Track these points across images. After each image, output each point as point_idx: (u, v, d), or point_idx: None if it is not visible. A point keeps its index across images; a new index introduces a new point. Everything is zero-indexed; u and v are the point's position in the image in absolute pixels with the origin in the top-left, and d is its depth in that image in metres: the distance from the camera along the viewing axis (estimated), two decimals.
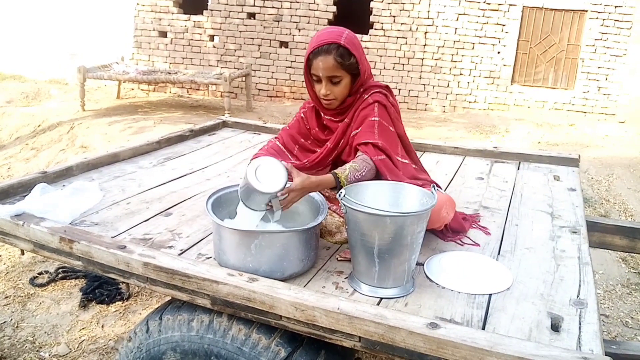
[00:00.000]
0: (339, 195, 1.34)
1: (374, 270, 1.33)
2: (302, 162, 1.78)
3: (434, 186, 1.46)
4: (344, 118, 1.76)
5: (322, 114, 1.82)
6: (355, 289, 1.36)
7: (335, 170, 1.56)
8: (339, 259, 1.53)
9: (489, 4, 7.55)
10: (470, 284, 1.37)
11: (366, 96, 1.72)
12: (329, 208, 1.64)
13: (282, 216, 1.54)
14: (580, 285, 1.40)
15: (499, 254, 1.61)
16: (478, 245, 1.66)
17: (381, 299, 1.33)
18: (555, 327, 1.19)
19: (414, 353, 1.12)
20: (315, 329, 1.22)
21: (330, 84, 1.67)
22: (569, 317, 1.24)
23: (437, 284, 1.40)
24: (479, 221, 1.85)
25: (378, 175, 1.65)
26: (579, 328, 1.19)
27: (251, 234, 1.38)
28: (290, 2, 7.98)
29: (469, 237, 1.71)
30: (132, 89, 8.53)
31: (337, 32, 1.65)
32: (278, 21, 8.08)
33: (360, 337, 1.17)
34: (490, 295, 1.34)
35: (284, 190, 1.40)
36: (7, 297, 2.90)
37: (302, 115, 1.88)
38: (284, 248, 1.36)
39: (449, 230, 1.70)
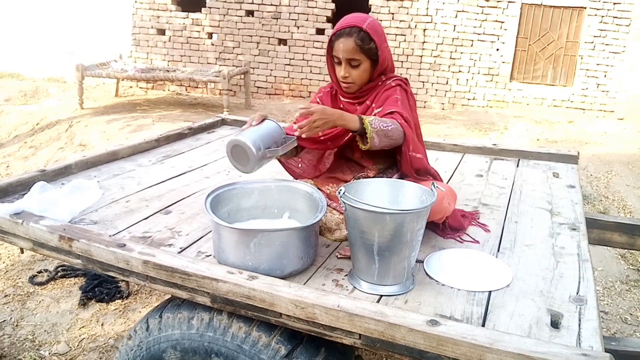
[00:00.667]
0: (339, 193, 1.34)
1: (374, 267, 1.33)
2: (318, 135, 1.72)
3: (433, 183, 1.46)
4: (364, 101, 1.78)
5: (340, 97, 1.84)
6: (355, 287, 1.36)
7: (360, 115, 1.59)
8: (339, 256, 1.53)
9: (487, 0, 7.54)
10: (470, 281, 1.37)
11: (388, 81, 1.76)
12: (328, 205, 1.64)
13: (281, 214, 1.55)
14: (579, 282, 1.40)
15: (498, 251, 1.61)
16: (477, 242, 1.66)
17: (381, 296, 1.33)
18: (555, 324, 1.19)
19: (414, 350, 1.12)
20: (315, 326, 1.22)
21: (349, 66, 1.70)
22: (568, 314, 1.24)
23: (436, 281, 1.40)
24: (478, 218, 1.85)
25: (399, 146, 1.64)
26: (579, 325, 1.19)
27: (250, 232, 1.37)
28: None
29: (468, 235, 1.71)
30: (131, 87, 8.51)
31: (361, 17, 1.70)
32: (276, 18, 8.06)
33: (360, 335, 1.17)
34: (490, 292, 1.34)
35: (305, 111, 1.48)
36: (6, 295, 2.90)
37: (317, 100, 1.89)
38: (284, 246, 1.36)
39: (448, 227, 1.70)
